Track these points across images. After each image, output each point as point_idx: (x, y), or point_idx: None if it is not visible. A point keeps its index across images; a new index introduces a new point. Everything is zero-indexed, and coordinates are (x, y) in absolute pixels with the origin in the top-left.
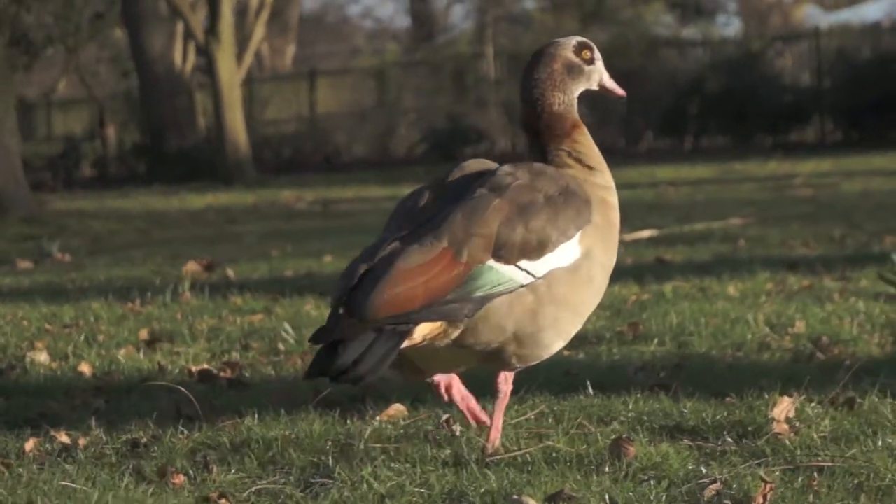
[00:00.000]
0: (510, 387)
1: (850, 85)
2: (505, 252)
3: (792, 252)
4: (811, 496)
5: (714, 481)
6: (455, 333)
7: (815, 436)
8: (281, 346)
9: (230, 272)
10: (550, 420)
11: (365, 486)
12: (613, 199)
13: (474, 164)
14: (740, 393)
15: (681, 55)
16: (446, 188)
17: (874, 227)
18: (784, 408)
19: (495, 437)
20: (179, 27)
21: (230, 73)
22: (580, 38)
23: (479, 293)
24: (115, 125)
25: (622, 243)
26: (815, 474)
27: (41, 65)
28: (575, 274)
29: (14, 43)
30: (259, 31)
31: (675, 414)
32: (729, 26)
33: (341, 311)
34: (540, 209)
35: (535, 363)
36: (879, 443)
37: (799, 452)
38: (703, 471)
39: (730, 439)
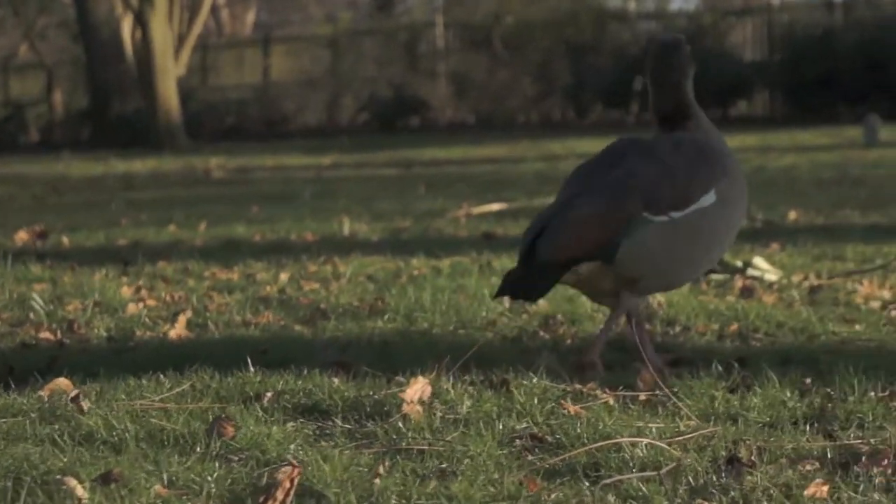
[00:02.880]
0: (631, 303)
1: (797, 60)
2: (656, 206)
3: None
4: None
5: (288, 464)
6: (610, 269)
7: (439, 417)
8: (31, 316)
9: (66, 240)
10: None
11: None
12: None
13: (642, 138)
14: (414, 372)
15: (631, 28)
16: (611, 154)
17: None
18: (418, 388)
19: (600, 345)
20: None
21: (163, 40)
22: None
23: (632, 238)
24: (63, 90)
25: (467, 216)
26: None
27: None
28: (714, 215)
29: None
30: (208, 1)
31: (316, 392)
32: (688, 2)
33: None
34: (686, 169)
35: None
36: (497, 427)
37: (411, 435)
38: (294, 451)
39: (353, 419)
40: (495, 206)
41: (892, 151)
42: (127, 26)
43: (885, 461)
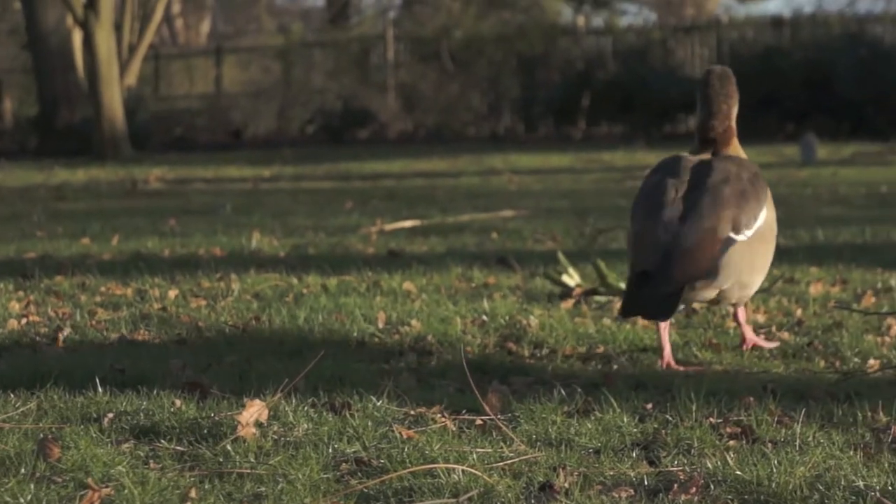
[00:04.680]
0: (744, 312)
1: (742, 78)
2: (737, 227)
3: (534, 246)
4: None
5: (88, 489)
6: (714, 283)
7: (272, 440)
8: None
9: None
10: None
11: None
12: None
13: (689, 158)
14: (264, 394)
15: (581, 44)
16: (685, 178)
17: None
18: (254, 411)
19: (749, 337)
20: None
21: (108, 49)
22: None
23: (727, 256)
24: (13, 98)
25: (380, 233)
26: (231, 481)
27: None
28: (767, 229)
29: None
30: (159, 10)
31: (157, 413)
32: (637, 17)
33: (651, 280)
34: (750, 193)
35: (745, 301)
36: (328, 450)
37: (238, 458)
38: (117, 473)
39: (187, 442)
40: (408, 223)
41: (824, 171)
42: (77, 35)
43: (694, 489)
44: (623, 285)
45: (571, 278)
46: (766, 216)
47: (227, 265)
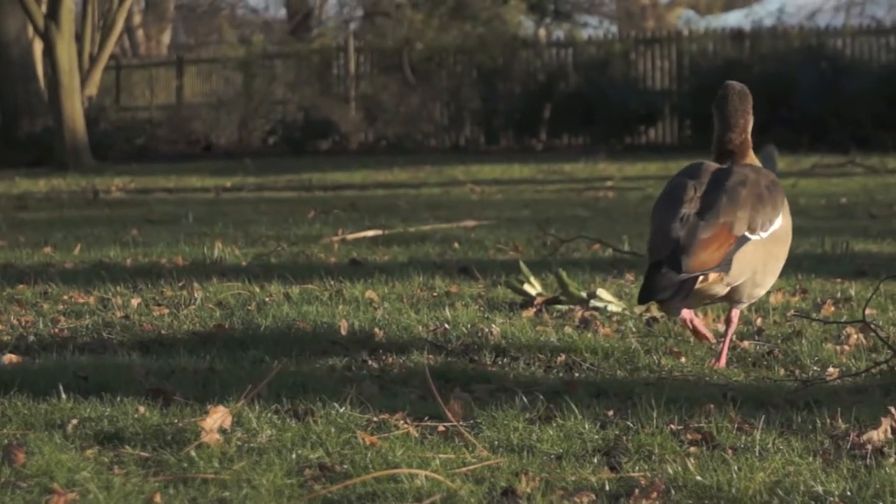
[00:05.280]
0: (738, 319)
1: (703, 90)
2: (753, 227)
3: (496, 255)
4: None
5: (54, 493)
6: (724, 277)
7: (236, 446)
8: None
9: None
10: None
11: None
12: None
13: (711, 164)
14: (227, 401)
15: (542, 56)
16: (705, 179)
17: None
18: (217, 417)
19: (724, 355)
20: None
21: (69, 59)
22: None
23: (740, 253)
24: None
25: (342, 242)
26: (195, 486)
27: None
28: (782, 234)
29: None
30: (120, 21)
31: (121, 420)
32: (598, 29)
33: (664, 268)
34: (767, 198)
35: (756, 300)
36: (292, 456)
37: (202, 464)
38: (82, 478)
39: (151, 448)
40: (370, 233)
41: (784, 182)
42: (38, 46)
43: (655, 494)
44: (584, 294)
45: (533, 287)
46: (782, 222)
47: (190, 274)
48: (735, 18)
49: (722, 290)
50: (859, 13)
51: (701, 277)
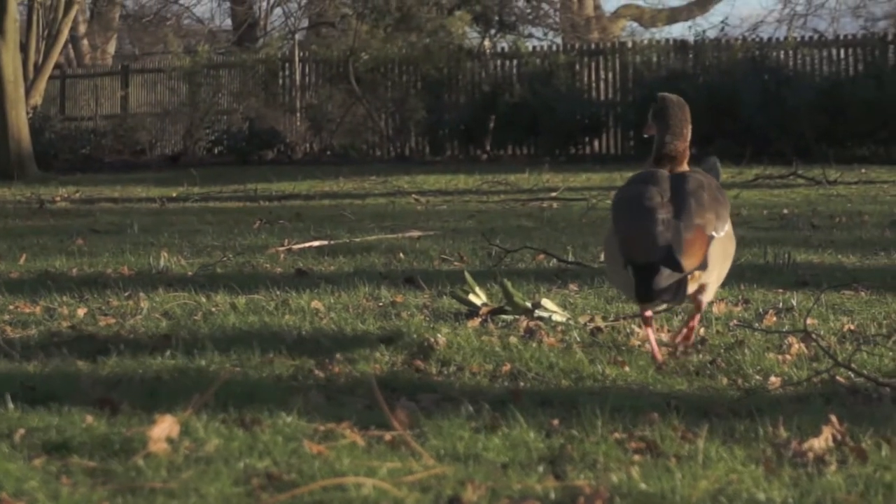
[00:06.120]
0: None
1: (645, 101)
2: (716, 227)
3: (441, 266)
4: None
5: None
6: (701, 275)
7: (184, 455)
8: None
9: None
10: None
11: None
12: None
13: (661, 171)
14: (174, 410)
15: (487, 67)
16: (665, 186)
17: (594, 243)
18: (165, 427)
19: (691, 338)
20: None
21: (14, 70)
22: None
23: (712, 251)
24: None
25: (288, 252)
26: (144, 496)
27: None
28: (731, 232)
29: None
30: (65, 31)
31: (68, 429)
32: (543, 40)
33: (662, 268)
34: (721, 199)
35: (711, 298)
36: (239, 465)
37: (149, 473)
38: (30, 488)
39: (98, 457)
40: (316, 243)
41: (728, 193)
42: None
43: (599, 502)
44: (529, 304)
45: (478, 297)
46: (729, 221)
47: (136, 284)
48: (679, 30)
49: (693, 287)
50: (801, 25)
51: (690, 276)
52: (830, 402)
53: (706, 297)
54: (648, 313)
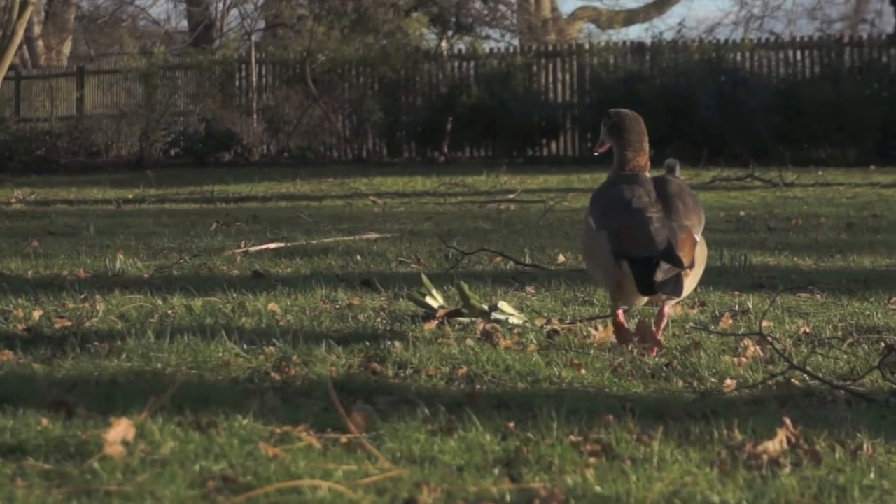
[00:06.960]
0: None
1: (602, 103)
2: (699, 228)
3: (398, 268)
4: None
5: None
6: (688, 273)
7: (140, 458)
8: None
9: None
10: None
11: None
12: None
13: (643, 175)
14: (130, 412)
15: (444, 69)
16: (649, 187)
17: (550, 245)
18: (121, 429)
19: (660, 341)
20: None
21: None
22: None
23: (696, 251)
24: None
25: (245, 254)
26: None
27: None
28: (703, 241)
29: None
30: (20, 31)
31: (23, 432)
32: (500, 42)
33: (662, 263)
34: (698, 203)
35: (686, 295)
36: (195, 468)
37: (105, 476)
38: None
39: (54, 460)
40: (272, 245)
41: None
42: None
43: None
44: (486, 307)
45: (435, 300)
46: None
47: (92, 286)
48: (636, 32)
49: None
50: (758, 27)
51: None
52: (785, 404)
53: (682, 298)
54: (621, 313)
